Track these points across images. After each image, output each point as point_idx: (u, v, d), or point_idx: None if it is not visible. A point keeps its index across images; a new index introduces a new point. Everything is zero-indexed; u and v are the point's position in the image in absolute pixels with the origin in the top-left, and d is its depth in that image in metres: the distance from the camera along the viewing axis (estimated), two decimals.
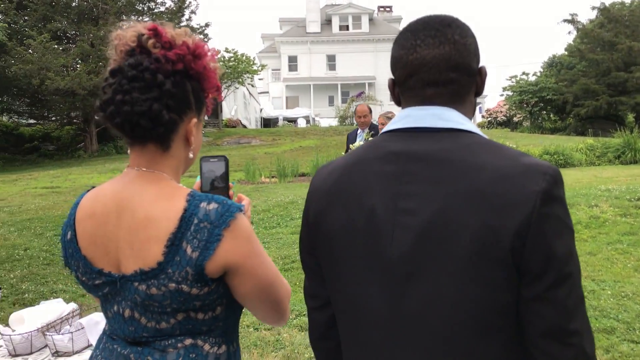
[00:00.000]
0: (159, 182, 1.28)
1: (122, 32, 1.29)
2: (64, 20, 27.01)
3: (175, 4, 29.04)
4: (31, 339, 2.56)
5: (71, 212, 1.35)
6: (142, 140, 1.27)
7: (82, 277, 1.32)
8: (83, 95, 24.59)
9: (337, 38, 45.78)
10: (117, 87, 1.22)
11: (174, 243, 1.21)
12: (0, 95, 28.27)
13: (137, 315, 1.27)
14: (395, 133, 1.18)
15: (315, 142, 24.58)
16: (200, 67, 1.30)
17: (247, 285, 1.28)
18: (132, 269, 1.24)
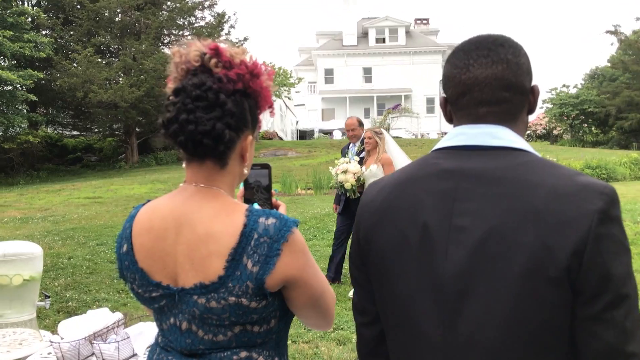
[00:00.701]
0: (217, 198, 1.31)
1: (183, 50, 1.32)
2: (107, 35, 27.79)
3: (215, 19, 29.57)
4: (79, 347, 2.63)
5: (126, 225, 1.39)
6: (201, 158, 1.30)
7: (137, 289, 1.35)
8: (125, 107, 25.20)
9: (374, 51, 45.84)
10: (181, 106, 1.25)
11: (235, 258, 1.24)
12: (46, 108, 29.23)
13: (195, 327, 1.29)
14: (447, 150, 1.19)
15: None
16: (257, 86, 1.32)
17: (304, 296, 1.32)
18: (192, 283, 1.27)
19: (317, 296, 1.34)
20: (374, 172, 5.91)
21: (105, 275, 7.07)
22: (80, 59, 25.16)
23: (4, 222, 12.10)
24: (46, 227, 11.20)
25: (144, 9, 27.10)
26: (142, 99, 25.38)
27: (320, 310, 1.37)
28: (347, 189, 6.16)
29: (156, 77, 25.64)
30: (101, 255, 8.22)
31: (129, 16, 27.35)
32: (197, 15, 29.86)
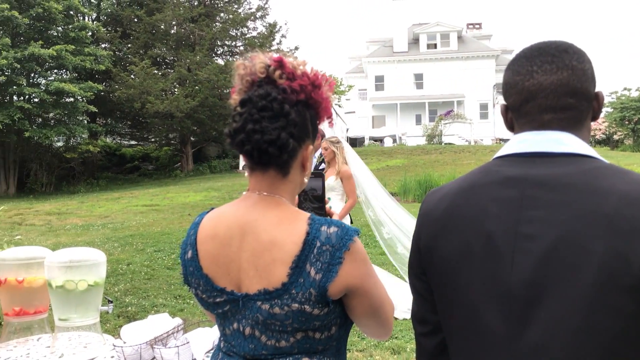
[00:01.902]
0: (279, 206, 1.34)
1: (247, 62, 1.36)
2: (163, 47, 28.63)
3: (267, 29, 30.01)
4: (140, 351, 2.70)
5: (191, 232, 1.42)
6: (265, 166, 1.34)
7: (201, 294, 1.39)
8: (180, 117, 25.86)
9: (425, 57, 45.43)
10: (248, 116, 1.29)
11: (298, 265, 1.26)
12: (105, 118, 30.32)
13: (258, 333, 1.32)
14: (510, 158, 1.17)
15: (403, 161, 24.40)
16: (318, 97, 1.35)
17: (364, 305, 1.33)
18: (256, 289, 1.29)
19: (377, 306, 1.35)
20: (331, 186, 5.42)
21: (162, 281, 7.25)
22: (138, 70, 26.00)
23: (67, 229, 12.59)
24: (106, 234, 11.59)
25: (199, 21, 27.79)
26: (197, 108, 25.98)
27: (379, 319, 1.38)
28: None
29: (210, 88, 26.22)
30: (158, 261, 8.43)
31: (184, 28, 28.09)
32: (249, 25, 30.41)
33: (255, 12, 30.30)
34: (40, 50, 22.55)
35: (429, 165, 21.69)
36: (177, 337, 2.87)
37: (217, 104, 26.72)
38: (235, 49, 30.73)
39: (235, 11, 29.76)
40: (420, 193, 15.36)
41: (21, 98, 24.15)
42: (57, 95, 23.87)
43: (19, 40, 24.15)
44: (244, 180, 20.95)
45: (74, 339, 3.15)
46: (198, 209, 14.49)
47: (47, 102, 23.64)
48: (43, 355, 2.95)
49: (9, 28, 23.92)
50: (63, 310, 2.98)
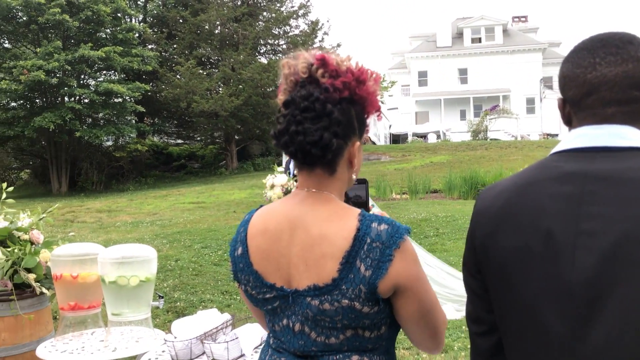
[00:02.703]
0: (329, 202, 1.34)
1: (291, 61, 1.35)
2: (207, 47, 29.05)
3: (309, 27, 30.08)
4: (191, 346, 2.75)
5: (241, 229, 1.44)
6: (311, 166, 1.34)
7: (251, 290, 1.39)
8: (225, 116, 26.21)
9: (469, 51, 44.68)
10: (291, 118, 1.29)
11: (349, 261, 1.26)
12: (152, 118, 31.00)
13: (308, 329, 1.32)
14: (568, 153, 1.13)
15: (447, 157, 24.09)
16: (364, 92, 1.33)
17: (411, 307, 1.30)
18: (306, 285, 1.29)
19: (425, 311, 1.32)
20: None
21: (209, 277, 7.36)
22: (183, 71, 26.47)
23: (117, 226, 12.94)
24: (154, 230, 11.86)
25: (242, 21, 28.08)
26: (241, 107, 26.28)
27: (427, 328, 1.34)
28: None
29: (253, 86, 26.49)
30: (205, 257, 8.57)
31: (228, 28, 28.44)
32: (292, 24, 30.53)
33: (298, 10, 30.41)
34: (90, 52, 23.21)
35: (475, 162, 21.33)
36: (226, 333, 2.90)
37: (260, 102, 26.96)
38: (277, 48, 30.93)
39: (278, 10, 29.95)
40: (465, 190, 15.11)
41: (72, 99, 24.92)
42: (106, 95, 24.54)
43: (69, 43, 24.92)
44: None
45: (126, 333, 3.22)
46: (243, 206, 14.67)
47: (97, 102, 24.33)
48: (97, 348, 3.04)
49: (60, 31, 24.71)
50: (116, 305, 3.05)
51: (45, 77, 22.26)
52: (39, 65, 22.32)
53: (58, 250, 3.22)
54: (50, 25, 24.18)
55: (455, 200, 14.61)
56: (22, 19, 24.83)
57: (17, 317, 3.21)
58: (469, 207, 12.44)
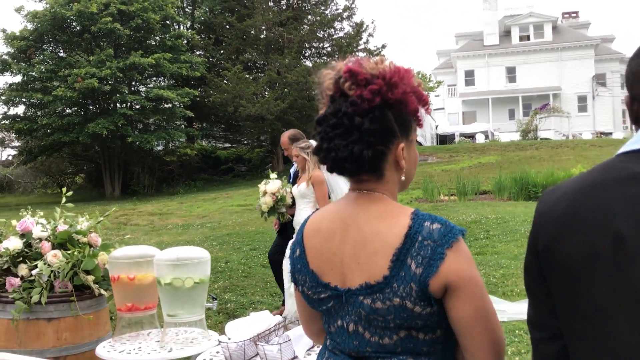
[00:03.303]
0: (380, 201, 1.35)
1: (325, 73, 1.37)
2: (253, 52, 29.43)
3: (353, 29, 30.05)
4: (244, 347, 2.78)
5: (299, 232, 1.46)
6: (353, 175, 1.37)
7: (307, 291, 1.40)
8: (271, 120, 26.46)
9: (517, 49, 43.74)
10: (323, 135, 1.32)
11: (399, 258, 1.25)
12: (201, 122, 31.60)
13: (361, 329, 1.31)
14: (637, 153, 1.09)
15: (496, 158, 23.63)
16: (398, 94, 1.31)
17: (463, 309, 1.27)
18: (358, 283, 1.29)
19: (480, 316, 1.27)
20: (302, 192, 5.16)
21: (259, 278, 7.44)
22: (230, 75, 26.88)
23: (168, 229, 13.23)
24: (204, 232, 12.07)
25: (287, 25, 28.30)
26: (287, 110, 26.48)
27: (483, 335, 1.28)
28: (264, 212, 5.39)
29: (298, 90, 26.64)
30: (254, 259, 8.67)
31: (273, 32, 28.72)
32: (336, 26, 30.55)
33: (342, 12, 30.43)
34: (141, 60, 23.86)
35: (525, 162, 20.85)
36: (279, 334, 2.93)
37: (305, 105, 27.10)
38: (322, 51, 31.03)
39: (322, 13, 30.03)
40: (516, 191, 14.78)
41: (124, 105, 25.67)
42: (157, 101, 25.17)
43: (120, 51, 25.67)
44: None
45: (181, 334, 3.29)
46: None
47: (148, 108, 24.98)
48: (153, 349, 3.11)
49: (111, 40, 25.49)
50: (171, 306, 3.12)
51: (98, 84, 23.01)
52: (92, 73, 23.08)
53: (115, 253, 3.32)
54: (103, 34, 24.98)
55: (506, 201, 14.30)
56: (75, 29, 25.72)
57: (77, 318, 3.32)
58: (520, 208, 12.17)
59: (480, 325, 1.28)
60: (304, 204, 5.16)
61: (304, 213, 5.12)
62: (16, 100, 25.63)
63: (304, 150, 5.17)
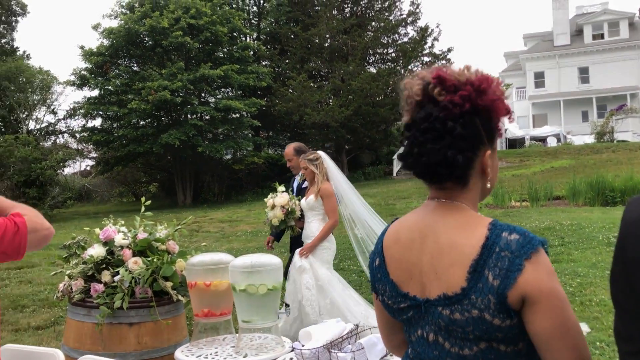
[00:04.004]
0: (459, 211, 1.34)
1: (410, 81, 1.37)
2: (318, 60, 29.72)
3: (418, 34, 29.81)
4: (318, 354, 2.80)
5: (378, 241, 1.48)
6: (440, 183, 1.35)
7: (387, 300, 1.41)
8: (335, 127, 26.61)
9: (590, 48, 42.00)
10: (413, 140, 1.31)
11: (476, 269, 1.24)
12: (267, 131, 32.16)
13: (441, 339, 1.31)
14: None
15: (570, 162, 22.75)
16: (487, 101, 1.31)
17: (543, 323, 1.22)
18: (437, 294, 1.29)
19: (562, 331, 1.22)
20: (311, 205, 5.09)
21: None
22: (295, 84, 27.24)
23: (238, 236, 13.50)
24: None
25: (351, 32, 28.42)
26: (351, 117, 26.56)
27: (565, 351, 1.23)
28: (275, 225, 5.27)
29: (363, 96, 26.67)
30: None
31: (337, 40, 28.90)
32: (401, 31, 30.41)
33: (407, 17, 30.26)
34: (210, 71, 24.59)
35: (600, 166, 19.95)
36: (352, 342, 2.93)
37: (370, 111, 27.08)
38: (386, 57, 30.94)
39: (386, 19, 29.96)
40: (592, 196, 14.15)
41: (194, 116, 26.48)
42: (225, 112, 25.81)
43: (190, 64, 26.53)
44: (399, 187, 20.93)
45: (255, 340, 3.35)
46: None
47: (217, 118, 25.67)
48: (229, 354, 3.18)
49: (182, 53, 26.40)
50: (246, 312, 3.19)
51: (170, 96, 23.86)
52: (165, 85, 23.97)
53: (192, 260, 3.43)
54: (173, 48, 25.90)
55: (581, 207, 13.73)
56: (148, 43, 26.80)
57: (157, 323, 3.45)
58: (596, 214, 11.66)
59: (561, 341, 1.23)
60: (313, 216, 5.12)
61: (313, 226, 5.09)
62: (94, 113, 26.99)
63: (312, 162, 5.11)
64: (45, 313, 6.89)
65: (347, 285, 5.28)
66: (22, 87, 29.59)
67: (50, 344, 5.50)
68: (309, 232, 5.09)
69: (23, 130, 29.47)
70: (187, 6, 25.30)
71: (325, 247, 5.09)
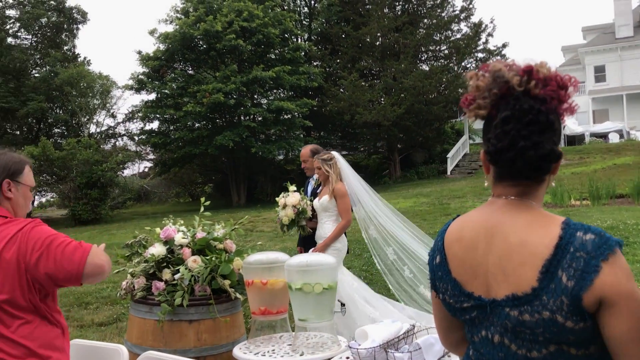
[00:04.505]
0: (530, 209, 1.31)
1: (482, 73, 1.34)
2: (369, 59, 29.60)
3: (471, 30, 29.25)
4: (374, 354, 2.80)
5: (438, 238, 1.45)
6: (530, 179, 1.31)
7: (449, 299, 1.39)
8: (387, 126, 26.44)
9: None
10: (515, 133, 1.26)
11: (549, 270, 1.21)
12: (319, 131, 32.26)
13: (507, 341, 1.28)
14: None
15: (633, 159, 21.82)
16: (567, 99, 1.30)
17: (620, 327, 1.18)
18: (504, 294, 1.26)
19: (636, 337, 1.18)
20: (325, 206, 5.04)
21: (380, 285, 7.43)
22: (347, 84, 27.22)
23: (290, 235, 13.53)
24: None
25: (402, 30, 28.16)
26: (403, 116, 26.33)
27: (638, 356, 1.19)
28: (285, 224, 5.21)
29: (415, 94, 26.39)
30: (375, 266, 8.63)
31: (389, 39, 28.70)
32: (453, 28, 29.90)
33: (459, 13, 29.73)
34: (262, 73, 24.90)
35: None
36: (409, 342, 2.91)
37: (422, 110, 26.76)
38: (439, 54, 30.50)
39: (439, 15, 29.53)
40: None
41: (247, 117, 26.87)
42: (277, 113, 26.07)
43: (243, 66, 26.92)
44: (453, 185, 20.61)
45: (311, 338, 3.37)
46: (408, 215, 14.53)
47: (269, 120, 25.96)
48: (285, 352, 3.21)
49: (235, 55, 26.82)
50: (302, 311, 3.21)
51: (224, 98, 24.29)
52: (219, 88, 24.42)
53: (249, 259, 3.48)
54: (227, 51, 26.35)
55: None
56: (202, 47, 27.35)
57: (215, 320, 3.52)
58: None
59: (638, 345, 1.19)
60: (326, 217, 5.08)
61: (327, 227, 5.06)
62: (151, 116, 27.78)
63: (326, 162, 5.08)
64: (107, 310, 7.14)
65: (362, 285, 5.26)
66: (83, 92, 30.77)
67: (113, 339, 5.70)
68: (322, 232, 5.07)
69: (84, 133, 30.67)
70: (240, 9, 25.67)
71: (337, 247, 5.06)
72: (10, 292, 1.92)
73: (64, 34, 34.65)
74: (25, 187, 2.17)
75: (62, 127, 33.09)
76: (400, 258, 5.18)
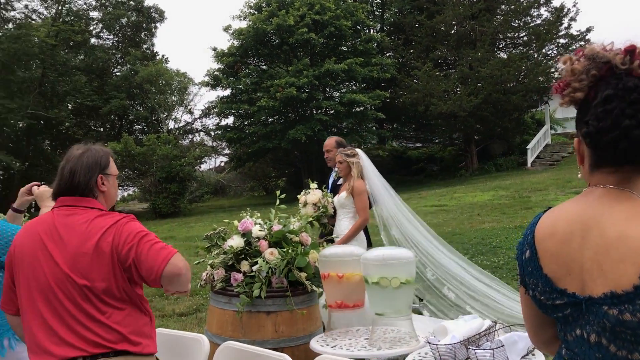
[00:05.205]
0: (629, 200, 1.21)
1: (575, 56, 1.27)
2: (444, 48, 28.94)
3: (552, 14, 27.98)
4: (455, 350, 2.72)
5: (527, 232, 1.37)
6: (633, 163, 1.23)
7: (539, 295, 1.32)
8: (463, 116, 25.79)
9: None
10: (619, 112, 1.19)
11: None
12: (392, 123, 31.99)
13: (606, 341, 1.20)
14: None
15: None
16: None
17: None
18: (602, 291, 1.18)
19: None
20: (342, 202, 4.92)
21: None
22: (421, 74, 26.75)
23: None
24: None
25: (479, 17, 27.36)
26: (480, 106, 25.59)
27: None
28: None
29: (493, 83, 25.58)
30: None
31: (464, 26, 27.96)
32: (533, 13, 28.71)
33: None
34: (334, 66, 24.92)
35: None
36: (490, 339, 2.82)
37: (501, 99, 25.89)
38: (517, 40, 29.39)
39: (517, 0, 28.44)
40: None
41: (319, 111, 26.99)
42: (349, 105, 26.03)
43: (315, 59, 27.04)
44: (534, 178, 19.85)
45: (388, 333, 3.34)
46: (487, 208, 14.22)
47: (341, 113, 25.96)
48: (362, 346, 3.19)
49: (307, 49, 26.99)
50: (378, 305, 3.18)
51: (297, 92, 24.51)
52: (291, 82, 24.66)
53: (325, 252, 3.48)
54: (299, 45, 26.56)
55: None
56: (275, 42, 27.71)
57: (292, 312, 3.54)
58: None
59: None
60: (344, 214, 4.98)
61: (343, 224, 4.95)
62: (227, 112, 28.45)
63: (349, 157, 5.00)
64: (187, 301, 7.38)
65: None
66: (162, 89, 31.92)
67: (193, 329, 5.88)
68: (339, 230, 5.00)
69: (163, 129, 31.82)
70: (312, 2, 25.77)
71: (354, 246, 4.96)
72: (107, 280, 2.01)
73: (143, 33, 36.06)
74: (113, 177, 2.29)
75: (143, 123, 34.51)
76: (422, 262, 5.16)
